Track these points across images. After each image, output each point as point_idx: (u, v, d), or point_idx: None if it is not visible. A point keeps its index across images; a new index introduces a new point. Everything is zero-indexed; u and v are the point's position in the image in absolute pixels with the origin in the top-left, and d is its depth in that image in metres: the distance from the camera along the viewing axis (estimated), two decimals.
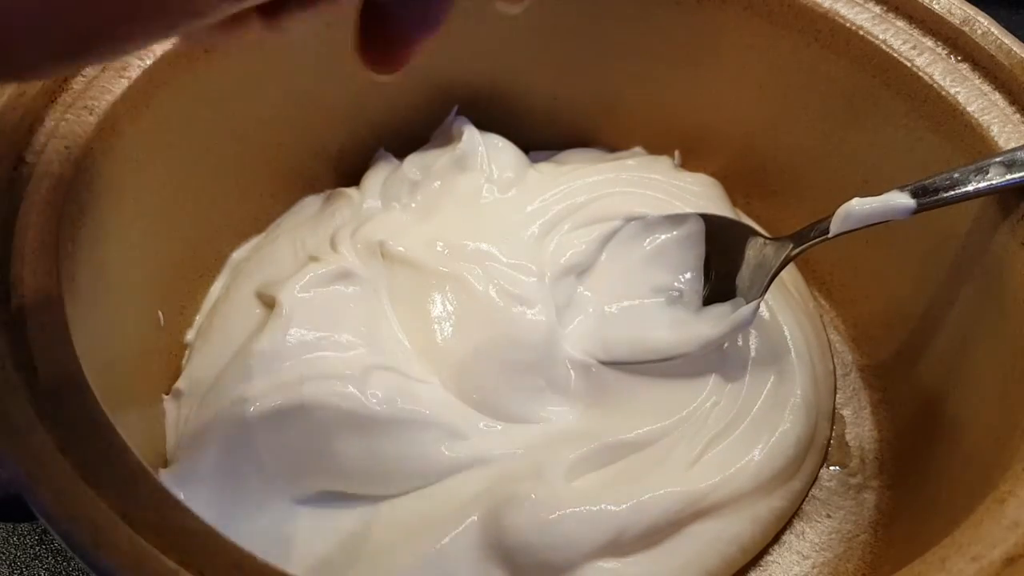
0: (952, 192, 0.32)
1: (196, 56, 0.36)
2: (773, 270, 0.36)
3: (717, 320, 0.37)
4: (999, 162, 0.32)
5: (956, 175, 0.32)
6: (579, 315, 0.39)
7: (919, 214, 0.33)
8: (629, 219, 0.41)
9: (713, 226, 0.40)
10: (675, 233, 0.40)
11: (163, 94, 0.35)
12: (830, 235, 0.34)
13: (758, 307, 0.36)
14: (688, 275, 0.40)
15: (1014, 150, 0.32)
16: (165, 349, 0.38)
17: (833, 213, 0.34)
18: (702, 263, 0.40)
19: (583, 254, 0.40)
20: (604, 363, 0.37)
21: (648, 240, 0.41)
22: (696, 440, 0.35)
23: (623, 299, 0.39)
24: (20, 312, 0.27)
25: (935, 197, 0.32)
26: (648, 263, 0.40)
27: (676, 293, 0.39)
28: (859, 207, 0.33)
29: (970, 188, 0.32)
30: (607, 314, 0.39)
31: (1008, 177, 0.32)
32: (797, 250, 0.36)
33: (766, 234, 0.40)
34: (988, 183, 0.32)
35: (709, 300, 0.39)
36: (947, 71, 0.36)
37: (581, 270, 0.40)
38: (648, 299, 0.39)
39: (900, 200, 0.33)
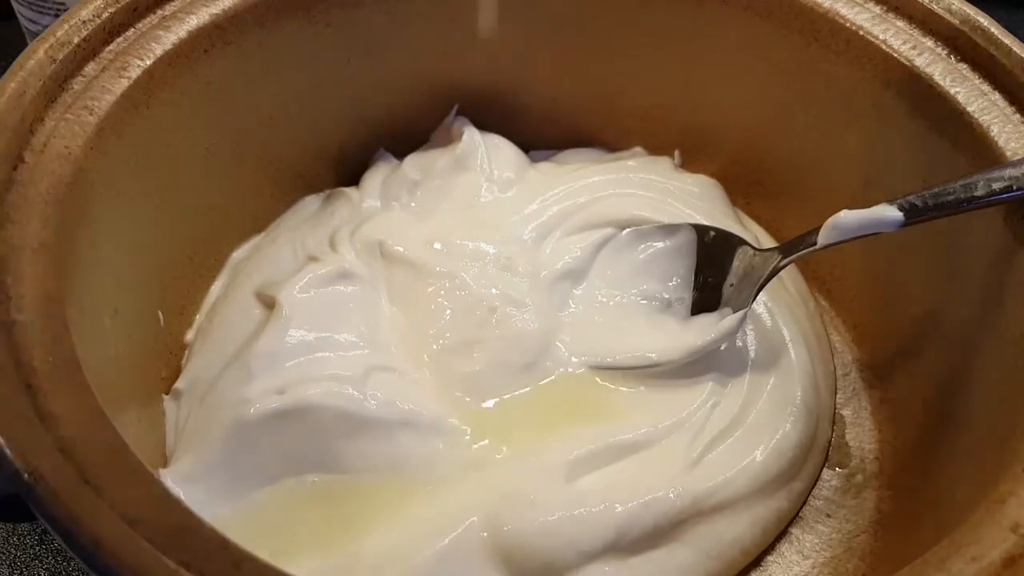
0: (941, 207, 0.32)
1: (196, 56, 0.36)
2: (761, 281, 0.37)
3: (703, 329, 0.37)
4: (988, 179, 0.32)
5: (945, 189, 0.32)
6: (571, 319, 0.39)
7: None
8: (624, 227, 0.41)
9: (703, 236, 0.40)
10: (667, 243, 0.41)
11: (163, 94, 0.35)
12: (817, 246, 0.35)
13: (744, 317, 0.36)
14: (678, 284, 0.40)
15: (1004, 166, 0.32)
16: (165, 349, 0.38)
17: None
18: (693, 273, 0.40)
19: (577, 260, 0.40)
20: (593, 368, 0.37)
21: (641, 249, 0.41)
22: (697, 441, 0.35)
23: (614, 306, 0.40)
24: (20, 312, 0.27)
25: (924, 211, 0.32)
26: (640, 271, 0.41)
27: (666, 302, 0.40)
28: (846, 219, 0.33)
29: (960, 203, 0.32)
30: (597, 320, 0.39)
31: (999, 195, 0.32)
32: (785, 261, 0.36)
33: (759, 243, 0.40)
34: (977, 199, 0.32)
35: (698, 309, 0.39)
36: (947, 71, 0.36)
37: (575, 276, 0.40)
38: (638, 307, 0.40)
39: (888, 214, 0.33)
